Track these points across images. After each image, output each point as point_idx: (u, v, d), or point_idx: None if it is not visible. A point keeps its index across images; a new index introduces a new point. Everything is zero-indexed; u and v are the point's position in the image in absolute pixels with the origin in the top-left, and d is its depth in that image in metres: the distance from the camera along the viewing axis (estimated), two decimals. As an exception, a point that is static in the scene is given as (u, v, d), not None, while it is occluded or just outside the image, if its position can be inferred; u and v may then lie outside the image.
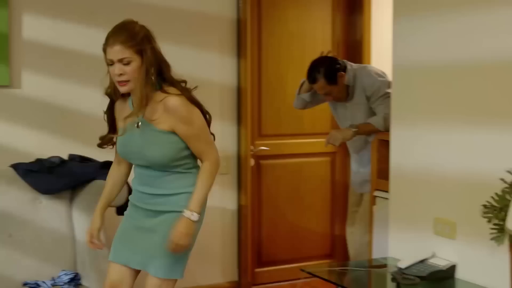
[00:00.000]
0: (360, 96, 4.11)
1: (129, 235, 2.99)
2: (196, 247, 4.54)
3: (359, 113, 4.13)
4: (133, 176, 3.02)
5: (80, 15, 4.10)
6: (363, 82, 4.10)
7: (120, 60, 2.77)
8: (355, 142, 4.20)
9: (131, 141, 2.87)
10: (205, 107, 3.02)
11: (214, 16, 4.51)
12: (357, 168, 4.32)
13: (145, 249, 2.92)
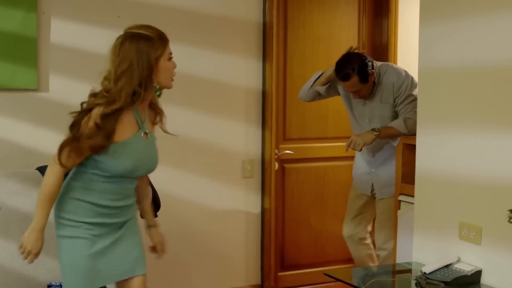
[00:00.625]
0: (385, 94, 4.03)
1: (104, 255, 2.82)
2: (219, 250, 4.59)
3: (378, 111, 4.06)
4: (97, 194, 2.79)
5: (107, 19, 4.11)
6: (392, 79, 4.01)
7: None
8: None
9: (143, 153, 2.83)
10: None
11: (240, 20, 4.52)
12: (368, 169, 4.23)
13: (128, 255, 2.89)
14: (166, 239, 3.15)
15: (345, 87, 3.97)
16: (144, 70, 2.69)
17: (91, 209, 2.79)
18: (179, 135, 4.33)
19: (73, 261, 2.79)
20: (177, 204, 4.38)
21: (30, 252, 2.75)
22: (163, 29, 4.19)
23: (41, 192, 2.76)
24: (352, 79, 3.89)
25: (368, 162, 4.23)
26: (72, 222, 2.79)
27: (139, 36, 2.75)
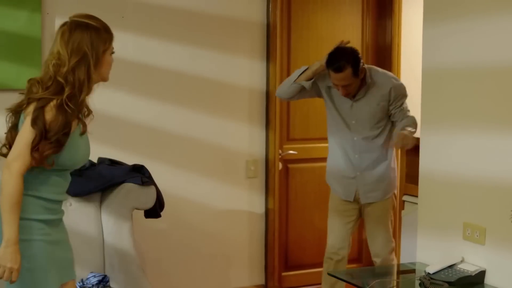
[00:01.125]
0: (377, 96, 3.89)
1: (55, 255, 2.70)
2: (223, 250, 4.60)
3: (366, 112, 3.92)
4: (46, 187, 2.66)
5: (111, 19, 4.07)
6: (388, 83, 3.91)
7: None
8: (360, 142, 3.95)
9: (89, 144, 2.77)
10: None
11: (244, 21, 4.54)
12: (353, 172, 3.98)
13: (67, 259, 2.79)
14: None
15: (336, 80, 3.80)
16: (95, 62, 2.64)
17: (39, 204, 2.63)
18: (183, 135, 4.40)
19: (32, 266, 2.61)
20: (181, 204, 4.39)
21: (11, 269, 2.53)
22: (168, 30, 4.30)
23: (4, 203, 2.55)
24: (346, 71, 3.74)
25: (354, 164, 4.00)
26: (23, 221, 2.58)
27: (89, 27, 2.66)
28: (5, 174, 2.54)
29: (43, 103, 2.55)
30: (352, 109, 3.94)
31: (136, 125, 4.25)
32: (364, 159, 3.96)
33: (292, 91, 3.97)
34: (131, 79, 4.23)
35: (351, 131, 3.94)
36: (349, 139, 3.96)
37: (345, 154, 4.00)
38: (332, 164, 4.12)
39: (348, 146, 3.99)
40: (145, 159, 4.08)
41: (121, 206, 3.67)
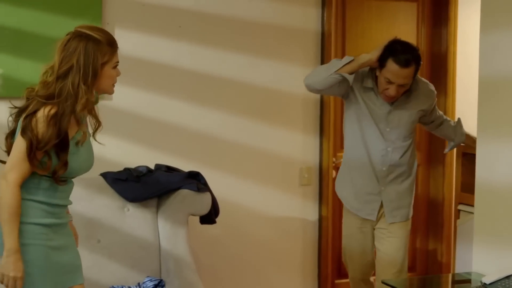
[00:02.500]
0: (420, 101, 3.63)
1: (55, 260, 2.69)
2: (277, 257, 4.61)
3: (405, 119, 3.61)
4: (47, 192, 2.66)
5: (168, 29, 4.19)
6: (430, 87, 3.70)
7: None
8: (392, 153, 3.60)
9: (91, 153, 2.77)
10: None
11: (299, 29, 4.54)
12: (377, 187, 3.62)
13: (73, 265, 2.77)
14: (79, 235, 3.01)
15: (398, 76, 3.41)
16: (88, 73, 2.59)
17: (40, 208, 2.63)
18: (238, 142, 4.43)
19: (31, 271, 2.60)
20: (236, 211, 4.41)
21: (15, 278, 2.55)
22: (223, 39, 4.34)
23: (2, 213, 2.56)
24: (411, 67, 3.41)
25: (379, 178, 3.62)
26: (24, 225, 2.60)
27: (88, 38, 2.61)
28: (2, 185, 2.57)
29: (34, 108, 2.55)
30: (389, 116, 3.59)
31: (192, 132, 4.28)
32: (392, 172, 3.62)
33: (330, 82, 3.51)
34: (187, 88, 4.27)
35: (385, 141, 3.59)
36: (381, 149, 3.60)
37: (370, 166, 3.62)
38: (349, 177, 3.72)
39: (377, 157, 3.61)
40: (201, 166, 4.11)
41: (177, 212, 3.72)
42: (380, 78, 3.45)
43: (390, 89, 3.42)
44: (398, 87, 3.42)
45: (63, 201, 2.72)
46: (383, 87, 3.46)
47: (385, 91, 3.44)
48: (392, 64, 3.37)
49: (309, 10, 4.55)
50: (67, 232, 2.77)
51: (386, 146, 3.56)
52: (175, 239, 3.71)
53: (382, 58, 3.41)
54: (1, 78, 3.78)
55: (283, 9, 4.48)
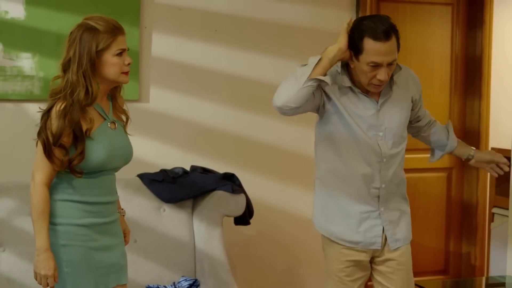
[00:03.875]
0: (405, 91, 2.94)
1: (98, 261, 2.68)
2: (310, 258, 4.59)
3: (396, 118, 2.90)
4: (80, 190, 2.65)
5: (205, 33, 4.22)
6: (411, 73, 3.03)
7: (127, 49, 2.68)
8: (388, 163, 2.89)
9: (114, 143, 2.68)
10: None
11: (332, 32, 4.41)
12: (375, 206, 2.92)
13: (117, 265, 2.75)
14: (130, 230, 3.01)
15: (382, 54, 2.71)
16: (83, 62, 2.56)
17: (78, 207, 2.62)
18: (272, 144, 4.44)
19: (72, 270, 2.62)
20: (270, 212, 4.42)
21: (46, 277, 2.57)
22: (258, 42, 4.34)
23: (32, 213, 2.60)
24: (392, 38, 2.75)
25: (380, 196, 2.91)
26: (62, 226, 2.62)
27: (85, 27, 2.59)
28: (31, 186, 2.61)
29: (49, 106, 2.58)
30: (379, 116, 2.87)
31: (228, 134, 4.31)
32: (389, 187, 2.92)
33: (305, 93, 2.75)
34: (223, 90, 4.31)
35: (381, 149, 2.87)
36: (376, 161, 2.87)
37: (365, 184, 2.89)
38: (336, 206, 2.97)
39: (374, 171, 2.88)
40: (236, 167, 4.14)
41: (212, 212, 3.74)
42: (361, 66, 2.74)
43: (380, 73, 2.72)
44: (387, 68, 2.74)
45: (102, 198, 2.68)
46: (369, 77, 2.75)
47: (373, 80, 2.75)
48: (370, 43, 2.69)
49: (343, 13, 4.52)
50: (114, 231, 2.74)
51: (382, 157, 2.87)
52: (209, 239, 3.73)
53: (355, 43, 2.73)
54: (42, 81, 3.86)
55: (317, 12, 4.48)
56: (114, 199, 2.75)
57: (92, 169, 2.62)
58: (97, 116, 2.65)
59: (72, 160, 2.56)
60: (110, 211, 2.72)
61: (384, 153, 2.84)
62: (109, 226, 2.72)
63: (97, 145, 2.61)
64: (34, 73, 3.87)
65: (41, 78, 3.87)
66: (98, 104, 2.67)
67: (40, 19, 3.85)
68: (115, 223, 2.76)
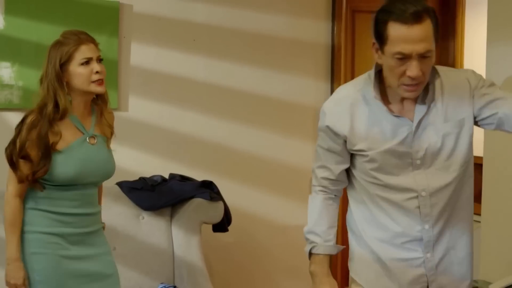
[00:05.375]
0: (450, 102, 2.22)
1: (73, 270, 2.67)
2: (288, 264, 4.62)
3: (438, 137, 2.21)
4: (52, 201, 2.65)
5: (183, 42, 4.23)
6: (461, 75, 2.27)
7: (98, 58, 2.66)
8: (432, 198, 2.23)
9: (89, 159, 2.65)
10: None
11: (310, 43, 4.57)
12: (419, 251, 2.28)
13: (100, 274, 2.74)
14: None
15: (413, 40, 2.05)
16: (51, 77, 2.58)
17: (51, 217, 2.62)
18: (251, 152, 4.47)
19: (43, 278, 2.62)
20: (248, 219, 4.43)
21: (16, 285, 2.59)
22: (237, 52, 4.35)
23: (4, 222, 2.63)
24: (425, 21, 2.05)
25: (424, 240, 2.27)
26: (32, 234, 2.63)
27: (54, 42, 2.63)
28: (5, 196, 2.64)
29: (22, 118, 2.61)
30: (414, 137, 2.21)
31: (206, 143, 4.31)
32: (442, 221, 2.26)
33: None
34: (201, 99, 4.31)
35: (416, 181, 2.22)
36: (408, 196, 2.24)
37: (402, 226, 2.28)
38: (367, 246, 2.50)
39: (409, 209, 2.25)
40: (214, 175, 4.15)
41: (190, 220, 3.75)
42: (388, 61, 2.13)
43: (410, 68, 2.07)
44: (420, 60, 2.06)
45: (76, 210, 2.66)
46: (397, 74, 2.12)
47: (403, 78, 2.10)
48: (396, 27, 2.06)
49: (320, 24, 4.59)
50: (92, 241, 2.73)
51: (420, 191, 2.23)
52: (188, 246, 3.74)
53: (378, 30, 2.14)
54: (22, 90, 3.85)
55: (295, 23, 4.52)
56: (92, 211, 2.74)
57: (62, 182, 2.62)
58: (73, 130, 2.65)
59: (35, 172, 2.57)
60: (86, 222, 2.71)
61: (421, 186, 2.24)
62: (85, 237, 2.71)
63: (66, 159, 2.60)
64: (13, 82, 3.86)
65: (20, 87, 3.86)
66: (76, 118, 2.67)
67: (19, 28, 3.85)
68: (95, 233, 2.76)
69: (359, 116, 2.28)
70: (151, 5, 4.15)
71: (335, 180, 2.46)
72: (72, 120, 2.65)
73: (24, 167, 2.57)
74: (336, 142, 2.35)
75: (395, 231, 2.31)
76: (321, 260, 2.48)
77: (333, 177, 2.45)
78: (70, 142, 2.63)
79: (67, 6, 3.92)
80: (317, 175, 2.48)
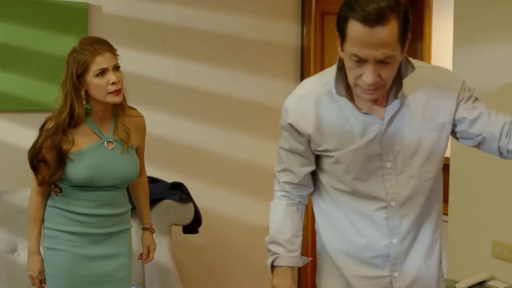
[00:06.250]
0: (430, 102, 2.03)
1: (85, 268, 2.74)
2: (260, 265, 4.62)
3: (413, 140, 2.02)
4: (71, 201, 2.73)
5: (152, 44, 4.23)
6: (448, 77, 2.08)
7: (114, 67, 2.67)
8: (401, 209, 2.05)
9: (104, 162, 2.70)
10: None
11: (279, 45, 4.59)
12: (387, 270, 2.11)
13: (112, 276, 2.79)
14: (154, 247, 3.07)
15: (369, 44, 1.82)
16: (68, 87, 2.61)
17: (67, 216, 2.70)
18: (221, 154, 4.47)
19: (55, 273, 2.72)
20: (218, 221, 4.44)
21: (31, 277, 2.75)
22: (207, 53, 4.35)
23: (27, 216, 2.77)
24: (388, 23, 1.80)
25: (391, 256, 2.10)
26: (49, 230, 2.73)
27: (72, 50, 2.65)
28: (30, 193, 2.79)
29: (43, 123, 2.69)
30: (384, 138, 2.03)
31: (176, 144, 4.31)
32: (410, 245, 2.11)
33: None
34: (171, 101, 4.31)
35: (386, 188, 2.06)
36: (377, 207, 2.08)
37: (367, 238, 2.11)
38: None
39: (377, 220, 2.10)
40: (184, 177, 4.16)
41: (160, 221, 3.73)
42: (346, 60, 1.93)
43: (366, 72, 1.86)
44: (378, 65, 1.85)
45: (94, 210, 2.71)
46: (354, 76, 1.92)
47: (359, 80, 1.91)
48: (355, 27, 1.83)
49: (289, 26, 4.61)
50: (113, 242, 2.78)
51: (389, 200, 2.07)
52: (158, 248, 3.62)
53: (340, 26, 1.90)
54: (-11, 91, 3.82)
55: (264, 25, 4.53)
56: (114, 212, 2.78)
57: (78, 184, 2.69)
58: (90, 135, 2.70)
59: (51, 176, 2.65)
60: (108, 223, 2.77)
61: (390, 195, 2.08)
62: (105, 237, 2.77)
63: (78, 163, 2.66)
64: (-20, 83, 3.82)
65: (-13, 88, 3.82)
66: (93, 123, 2.71)
67: (-14, 29, 3.82)
68: (117, 235, 2.81)
69: (324, 114, 2.07)
70: (121, 6, 4.14)
71: (298, 184, 2.24)
72: (90, 125, 2.71)
73: (41, 172, 2.67)
74: (299, 142, 2.15)
75: (360, 244, 2.12)
76: (284, 272, 2.25)
77: (297, 181, 2.23)
78: (84, 146, 2.68)
79: (35, 7, 3.88)
80: (279, 179, 2.29)
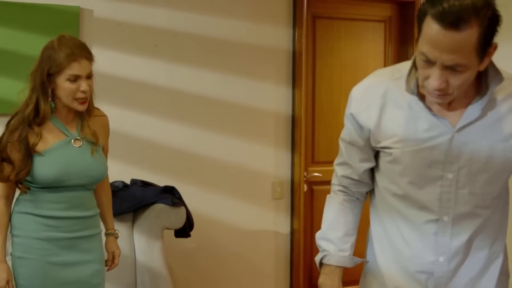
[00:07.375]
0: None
1: (58, 276, 2.64)
2: (250, 269, 4.64)
3: (485, 151, 1.84)
4: (39, 204, 2.62)
5: (144, 48, 4.23)
6: None
7: (88, 75, 2.62)
8: (455, 225, 1.89)
9: (72, 161, 2.60)
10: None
11: (271, 48, 4.59)
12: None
13: (86, 283, 2.69)
14: (118, 253, 2.99)
15: (439, 46, 1.66)
16: (36, 82, 2.54)
17: (37, 221, 2.59)
18: (212, 157, 4.47)
19: (26, 283, 2.60)
20: (210, 224, 4.43)
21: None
22: (198, 57, 4.36)
23: None
24: (466, 28, 1.63)
25: (432, 266, 1.94)
26: (18, 238, 2.61)
27: (49, 46, 2.57)
28: None
29: (9, 120, 2.60)
30: (451, 147, 1.85)
31: (167, 148, 4.30)
32: (458, 266, 1.93)
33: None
34: (163, 104, 4.31)
35: (441, 200, 1.90)
36: (427, 218, 1.92)
37: (414, 250, 1.96)
38: (376, 266, 2.15)
39: (425, 233, 1.94)
40: (176, 180, 4.16)
41: (152, 225, 3.74)
42: (417, 56, 1.78)
43: (432, 76, 1.72)
44: (444, 71, 1.70)
45: (63, 213, 2.60)
46: (422, 76, 1.77)
47: (426, 82, 1.76)
48: (430, 24, 1.68)
49: (281, 30, 4.61)
50: (84, 247, 2.68)
51: (442, 214, 1.90)
52: (150, 252, 3.72)
53: (419, 19, 1.75)
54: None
55: (256, 29, 4.53)
56: (83, 215, 2.68)
57: (44, 184, 2.58)
58: (56, 133, 2.62)
59: (17, 173, 2.54)
60: (78, 227, 2.66)
61: (444, 210, 1.91)
62: (76, 242, 2.66)
63: (46, 160, 2.57)
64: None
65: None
66: (58, 121, 2.64)
67: (-23, 33, 3.82)
68: (88, 239, 2.70)
69: (390, 109, 1.90)
70: (112, 10, 4.14)
71: (357, 180, 2.10)
72: (55, 123, 2.63)
73: (6, 168, 2.55)
74: (359, 136, 2.00)
75: (405, 255, 1.95)
76: (332, 271, 2.10)
77: (356, 176, 2.09)
78: (52, 143, 2.60)
79: (27, 11, 3.88)
80: (338, 173, 2.16)
